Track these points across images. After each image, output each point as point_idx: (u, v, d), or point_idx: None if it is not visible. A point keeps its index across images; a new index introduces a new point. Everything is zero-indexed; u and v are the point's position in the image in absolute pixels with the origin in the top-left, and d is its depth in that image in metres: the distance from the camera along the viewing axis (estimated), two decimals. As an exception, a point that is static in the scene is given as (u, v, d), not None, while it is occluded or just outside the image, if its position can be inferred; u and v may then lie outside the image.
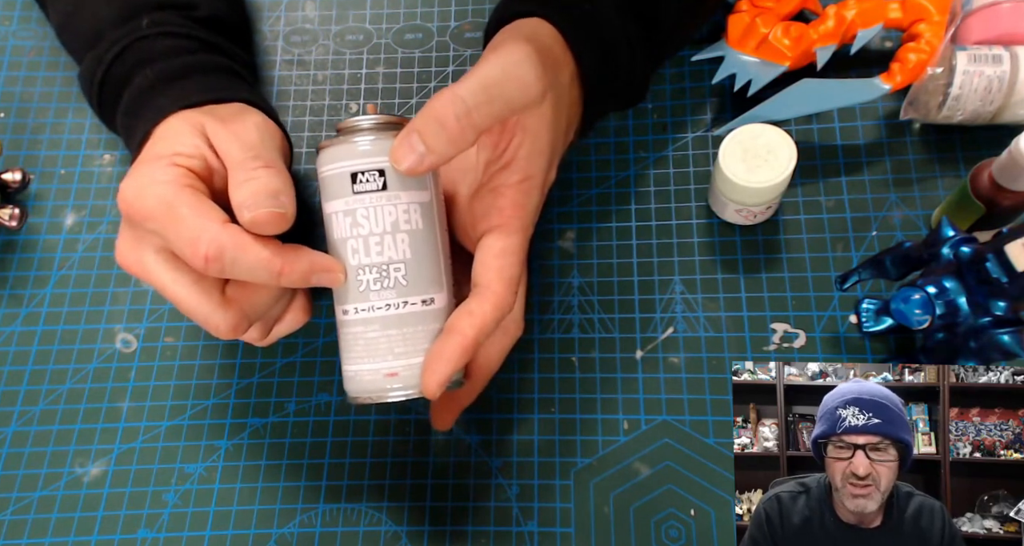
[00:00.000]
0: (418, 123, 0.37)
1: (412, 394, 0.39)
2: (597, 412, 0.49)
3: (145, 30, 0.47)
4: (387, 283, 0.39)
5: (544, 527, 0.47)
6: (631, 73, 0.47)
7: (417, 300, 0.39)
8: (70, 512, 0.49)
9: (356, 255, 0.39)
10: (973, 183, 0.46)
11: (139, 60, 0.47)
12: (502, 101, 0.39)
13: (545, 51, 0.42)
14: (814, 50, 0.54)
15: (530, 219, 0.42)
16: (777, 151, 0.48)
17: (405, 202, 0.39)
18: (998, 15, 0.51)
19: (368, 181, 0.39)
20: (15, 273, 0.56)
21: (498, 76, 0.39)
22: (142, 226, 0.39)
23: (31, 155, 0.59)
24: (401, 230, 0.39)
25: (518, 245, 0.41)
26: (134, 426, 0.51)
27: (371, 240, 0.39)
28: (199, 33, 0.49)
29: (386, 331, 0.39)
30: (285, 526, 0.48)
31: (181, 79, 0.46)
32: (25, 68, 0.63)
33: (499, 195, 0.41)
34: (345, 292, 0.40)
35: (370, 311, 0.39)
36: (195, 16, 0.50)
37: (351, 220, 0.39)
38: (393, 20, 0.63)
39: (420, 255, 0.40)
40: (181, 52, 0.47)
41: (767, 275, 0.52)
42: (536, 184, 0.42)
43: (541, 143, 0.42)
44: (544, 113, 0.41)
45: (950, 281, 0.42)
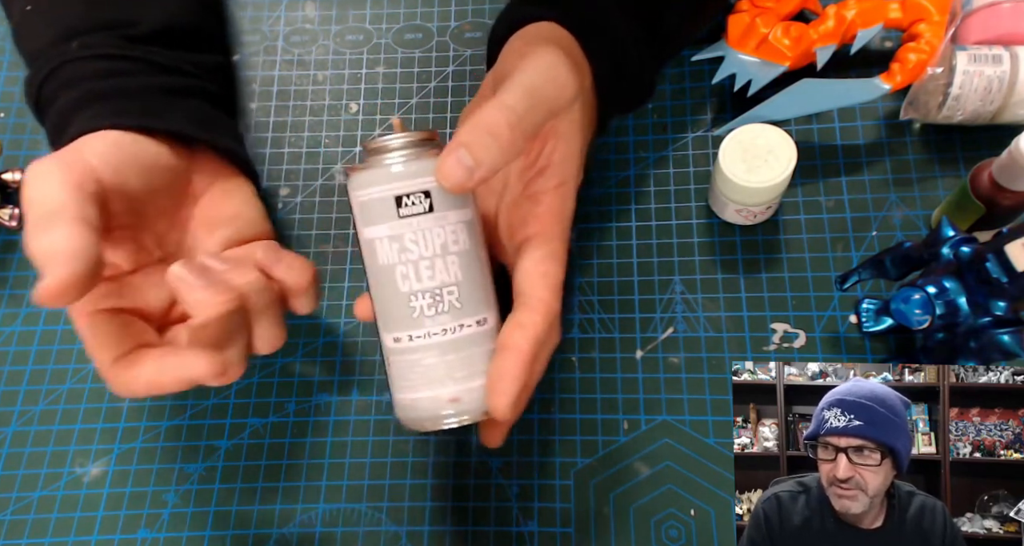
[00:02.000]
0: (465, 137, 0.36)
1: (475, 417, 0.38)
2: (597, 412, 0.49)
3: (74, 53, 0.47)
4: (441, 307, 0.38)
5: (544, 527, 0.47)
6: (639, 74, 0.47)
7: (472, 322, 0.38)
8: (70, 512, 0.49)
9: (407, 281, 0.38)
10: (973, 183, 0.46)
11: (64, 82, 0.46)
12: (546, 105, 0.38)
13: (570, 54, 0.42)
14: (814, 50, 0.54)
15: (568, 224, 0.42)
16: (777, 151, 0.48)
17: (452, 222, 0.38)
18: (998, 15, 0.51)
19: (414, 204, 0.37)
20: (15, 273, 0.56)
21: (539, 81, 0.39)
22: None
23: (31, 155, 0.59)
24: (451, 252, 0.38)
25: (559, 250, 0.41)
26: (134, 426, 0.51)
27: (422, 264, 0.38)
28: (135, 53, 0.48)
29: (444, 357, 0.38)
30: (285, 526, 0.48)
31: (99, 102, 0.45)
32: (25, 68, 0.63)
33: (536, 202, 0.41)
34: (395, 319, 0.38)
35: (426, 337, 0.38)
36: (133, 35, 0.49)
37: (399, 246, 0.38)
38: (393, 20, 0.63)
39: (470, 275, 0.39)
40: (110, 75, 0.46)
41: (767, 275, 0.52)
42: (571, 188, 0.42)
43: (574, 146, 0.42)
44: (575, 116, 0.42)
45: (950, 281, 0.42)
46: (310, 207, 0.56)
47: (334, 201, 0.56)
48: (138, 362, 0.39)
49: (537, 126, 0.38)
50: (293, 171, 0.57)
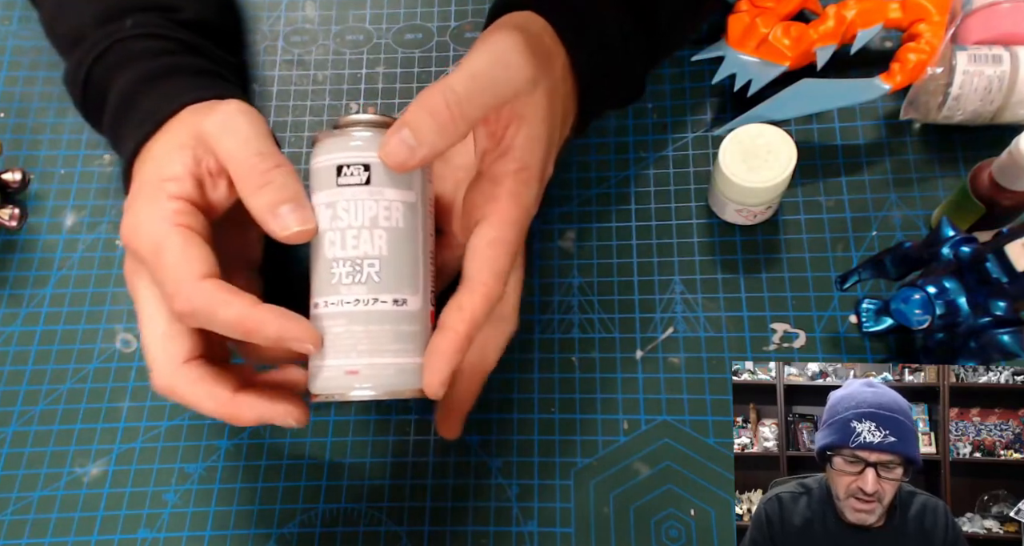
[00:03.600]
0: (408, 116, 0.37)
1: (370, 394, 0.39)
2: (597, 412, 0.49)
3: (127, 31, 0.47)
4: (359, 278, 0.38)
5: (544, 527, 0.47)
6: (628, 69, 0.47)
7: (388, 299, 0.39)
8: (70, 512, 0.49)
9: (332, 247, 0.39)
10: (973, 183, 0.46)
11: (120, 61, 0.46)
12: (492, 90, 0.39)
13: (534, 40, 0.41)
14: (814, 50, 0.54)
15: (526, 212, 0.41)
16: (777, 151, 0.48)
17: (388, 199, 0.39)
18: (998, 15, 0.51)
19: (352, 174, 0.39)
20: (15, 273, 0.56)
21: (486, 65, 0.39)
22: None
23: (31, 155, 0.59)
24: (380, 226, 0.39)
25: (511, 236, 0.40)
26: (134, 426, 0.51)
27: (348, 233, 0.39)
28: (182, 35, 0.48)
29: (351, 327, 0.38)
30: (285, 526, 0.48)
31: (164, 79, 0.45)
32: (25, 68, 0.63)
33: (496, 184, 0.41)
34: (318, 284, 0.40)
35: (339, 305, 0.39)
36: (179, 19, 0.50)
37: (332, 212, 0.39)
38: (393, 20, 0.63)
39: (397, 254, 0.39)
40: (163, 53, 0.47)
41: (767, 275, 0.52)
42: (534, 175, 0.41)
43: (537, 131, 0.41)
44: (538, 102, 0.41)
45: (950, 281, 0.42)
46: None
47: (334, 201, 0.56)
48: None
49: (482, 110, 0.38)
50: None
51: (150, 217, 0.39)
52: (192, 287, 0.37)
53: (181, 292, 0.37)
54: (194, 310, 0.37)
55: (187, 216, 0.39)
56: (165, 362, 0.39)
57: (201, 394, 0.39)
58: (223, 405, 0.39)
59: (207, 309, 0.37)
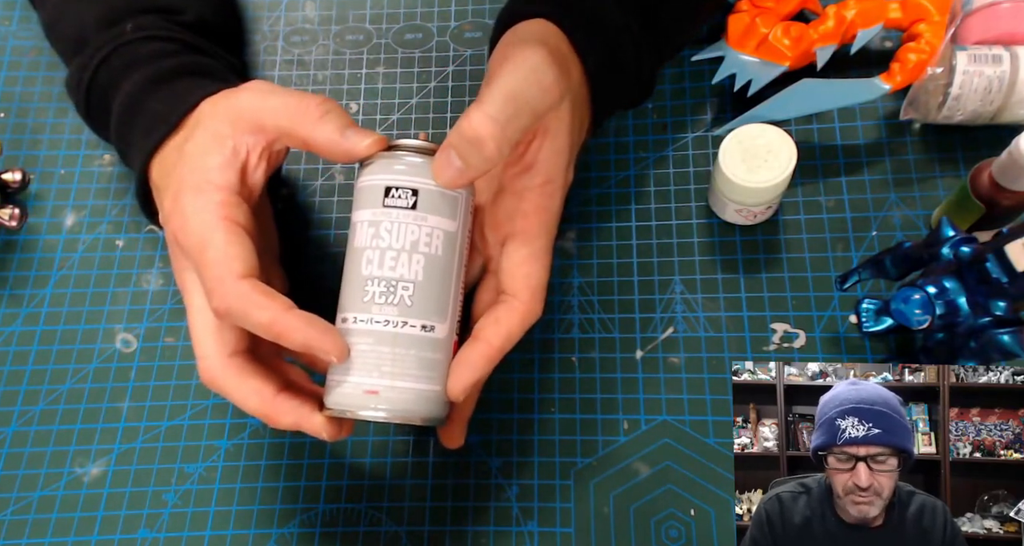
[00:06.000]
0: (453, 140, 0.38)
1: (383, 416, 0.39)
2: (597, 412, 0.49)
3: (129, 35, 0.47)
4: (392, 299, 0.39)
5: (544, 527, 0.47)
6: (637, 70, 0.47)
7: (417, 324, 0.39)
8: (70, 512, 0.49)
9: (370, 265, 0.39)
10: (973, 183, 0.46)
11: (124, 65, 0.46)
12: (529, 110, 0.39)
13: (556, 52, 0.42)
14: (814, 50, 0.54)
15: (553, 222, 0.42)
16: (777, 151, 0.48)
17: (430, 226, 0.39)
18: (998, 15, 0.51)
19: (400, 197, 0.39)
20: (15, 273, 0.56)
21: (521, 85, 0.39)
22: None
23: (31, 155, 0.59)
24: (419, 251, 0.39)
25: (543, 250, 0.41)
26: (134, 426, 0.51)
27: (388, 254, 0.39)
28: (184, 37, 0.48)
29: (378, 347, 0.39)
30: (285, 526, 0.48)
31: (171, 82, 0.45)
32: (25, 68, 0.63)
33: (522, 199, 0.42)
34: (349, 300, 0.40)
35: (369, 323, 0.39)
36: (180, 20, 0.50)
37: (374, 231, 0.39)
38: (393, 20, 0.63)
39: (432, 281, 0.40)
40: (167, 55, 0.47)
41: (767, 275, 0.52)
42: (558, 186, 0.42)
43: (560, 144, 0.42)
44: (562, 114, 0.42)
45: (950, 281, 0.42)
46: (310, 207, 0.56)
47: (334, 201, 0.56)
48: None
49: (523, 131, 0.39)
50: (293, 171, 0.57)
51: (196, 211, 0.39)
52: (230, 286, 0.37)
53: (218, 290, 0.37)
54: (229, 309, 0.37)
55: (232, 208, 0.39)
56: (212, 354, 0.40)
57: (245, 389, 0.39)
58: (264, 403, 0.39)
59: (242, 309, 0.37)
